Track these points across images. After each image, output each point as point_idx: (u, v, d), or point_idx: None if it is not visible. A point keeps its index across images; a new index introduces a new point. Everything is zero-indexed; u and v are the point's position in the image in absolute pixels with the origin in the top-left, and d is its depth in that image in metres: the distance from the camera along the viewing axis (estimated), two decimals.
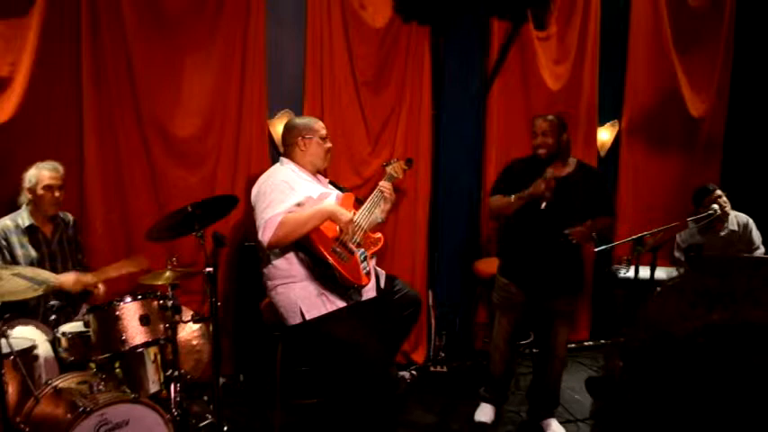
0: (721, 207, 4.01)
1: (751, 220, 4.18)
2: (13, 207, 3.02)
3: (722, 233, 4.13)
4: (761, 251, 4.14)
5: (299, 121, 3.08)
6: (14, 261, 2.86)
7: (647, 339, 0.77)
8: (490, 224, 4.26)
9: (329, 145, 3.05)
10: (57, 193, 2.96)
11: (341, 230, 2.78)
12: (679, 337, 0.72)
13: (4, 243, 2.87)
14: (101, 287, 2.97)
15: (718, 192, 4.10)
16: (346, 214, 2.78)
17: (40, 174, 2.92)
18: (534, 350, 3.77)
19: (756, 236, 4.17)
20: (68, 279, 2.84)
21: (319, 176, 3.08)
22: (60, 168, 2.99)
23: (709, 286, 0.77)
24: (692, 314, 0.73)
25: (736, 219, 4.17)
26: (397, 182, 3.40)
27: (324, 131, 3.02)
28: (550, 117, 3.09)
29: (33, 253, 2.92)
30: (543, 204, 2.92)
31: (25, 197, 2.96)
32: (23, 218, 2.95)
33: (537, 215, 2.97)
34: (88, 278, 2.92)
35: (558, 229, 2.99)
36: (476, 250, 4.30)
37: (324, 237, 2.72)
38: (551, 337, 3.18)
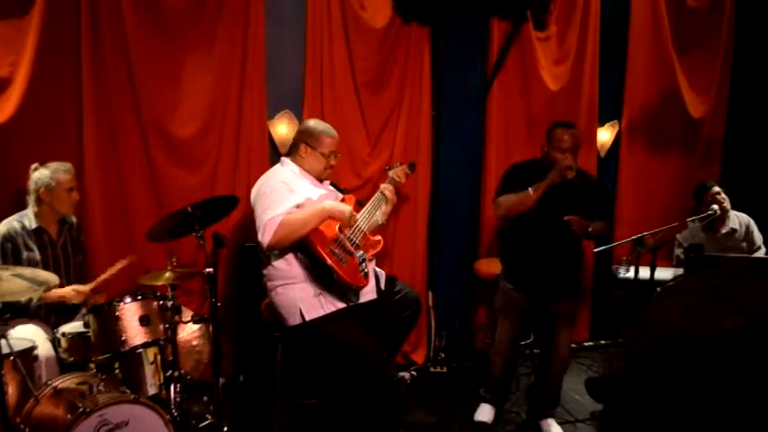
0: (720, 204, 4.02)
1: (752, 221, 4.19)
2: (11, 207, 3.00)
3: (723, 231, 4.13)
4: (762, 251, 4.14)
5: (313, 125, 2.97)
6: (18, 263, 2.78)
7: (659, 340, 0.77)
8: (493, 224, 4.25)
9: (332, 162, 2.96)
10: (76, 194, 2.98)
11: (340, 227, 2.76)
12: (696, 342, 0.72)
13: (9, 245, 2.81)
14: (99, 298, 2.93)
15: (716, 188, 4.10)
16: (345, 208, 2.77)
17: (61, 176, 2.88)
18: (535, 351, 3.77)
19: (757, 236, 4.17)
20: (68, 292, 2.84)
21: None
22: (72, 168, 2.98)
23: (717, 290, 0.77)
24: (703, 319, 0.73)
25: (738, 218, 4.17)
26: (398, 184, 3.39)
27: (329, 149, 2.91)
28: (575, 130, 3.02)
29: (38, 255, 2.88)
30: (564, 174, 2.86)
31: (33, 198, 2.89)
32: (30, 219, 2.89)
33: (538, 220, 2.99)
34: (86, 287, 2.91)
35: (560, 234, 2.99)
36: (475, 251, 4.30)
37: (322, 238, 2.72)
38: (554, 339, 3.17)
